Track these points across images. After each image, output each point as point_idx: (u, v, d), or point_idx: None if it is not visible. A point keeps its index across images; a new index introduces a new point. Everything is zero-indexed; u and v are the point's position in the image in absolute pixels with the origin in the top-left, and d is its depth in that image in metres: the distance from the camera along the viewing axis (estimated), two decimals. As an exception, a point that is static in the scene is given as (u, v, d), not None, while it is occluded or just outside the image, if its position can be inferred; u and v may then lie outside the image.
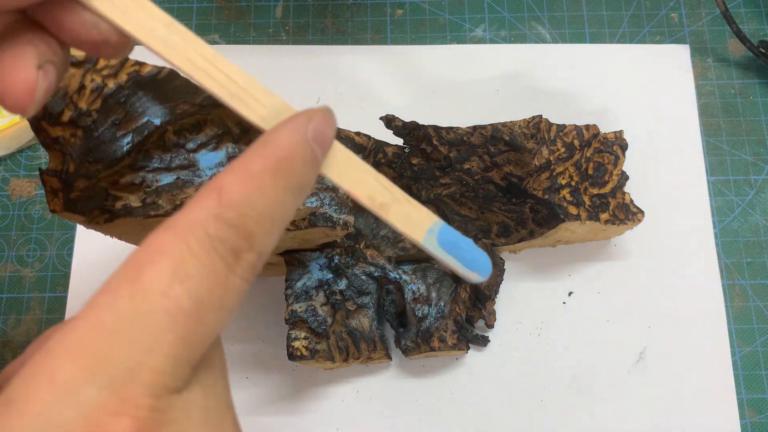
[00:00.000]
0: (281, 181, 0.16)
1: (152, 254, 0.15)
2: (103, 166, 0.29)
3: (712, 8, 0.48)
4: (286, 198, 0.17)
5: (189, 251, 0.15)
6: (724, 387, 0.39)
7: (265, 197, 0.16)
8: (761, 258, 0.42)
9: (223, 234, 0.15)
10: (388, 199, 0.21)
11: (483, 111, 0.45)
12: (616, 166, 0.38)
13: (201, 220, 0.15)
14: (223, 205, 0.15)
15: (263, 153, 0.16)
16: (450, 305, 0.38)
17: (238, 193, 0.16)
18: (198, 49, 0.20)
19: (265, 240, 0.16)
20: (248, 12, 0.48)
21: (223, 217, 0.15)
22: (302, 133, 0.17)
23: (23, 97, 0.18)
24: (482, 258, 0.21)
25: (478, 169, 0.38)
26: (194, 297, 0.15)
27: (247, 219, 0.16)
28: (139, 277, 0.14)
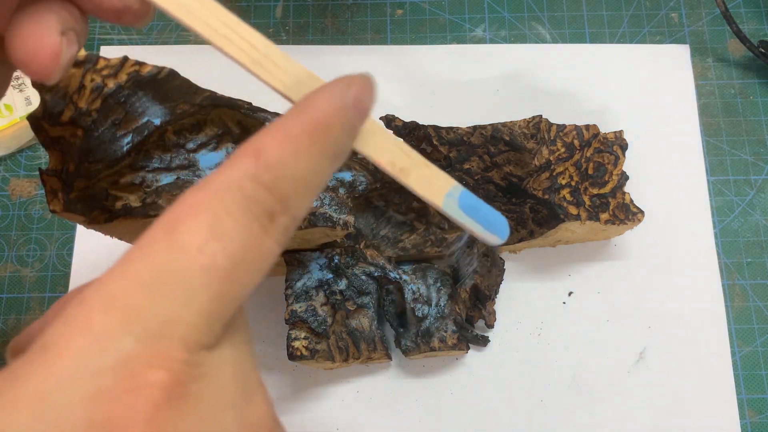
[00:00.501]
0: (319, 145, 0.16)
1: (188, 211, 0.15)
2: (103, 166, 0.29)
3: (712, 8, 0.48)
4: (322, 163, 0.16)
5: (225, 210, 0.15)
6: (724, 387, 0.39)
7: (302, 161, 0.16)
8: (761, 258, 0.42)
9: (259, 195, 0.15)
10: (408, 164, 0.21)
11: (483, 111, 0.45)
12: (616, 166, 0.38)
13: (237, 180, 0.15)
14: (260, 166, 0.15)
15: (302, 117, 0.16)
16: (450, 305, 0.38)
17: (276, 155, 0.16)
18: (219, 16, 0.20)
19: (300, 204, 0.16)
20: (248, 12, 0.48)
21: (260, 179, 0.15)
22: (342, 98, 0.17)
23: (49, 63, 0.18)
24: (501, 221, 0.22)
25: (478, 169, 0.38)
26: (229, 255, 0.15)
27: (283, 182, 0.16)
28: (175, 232, 0.14)
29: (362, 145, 0.20)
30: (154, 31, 0.48)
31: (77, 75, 0.27)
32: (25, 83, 0.44)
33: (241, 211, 0.15)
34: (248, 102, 0.32)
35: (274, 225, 0.16)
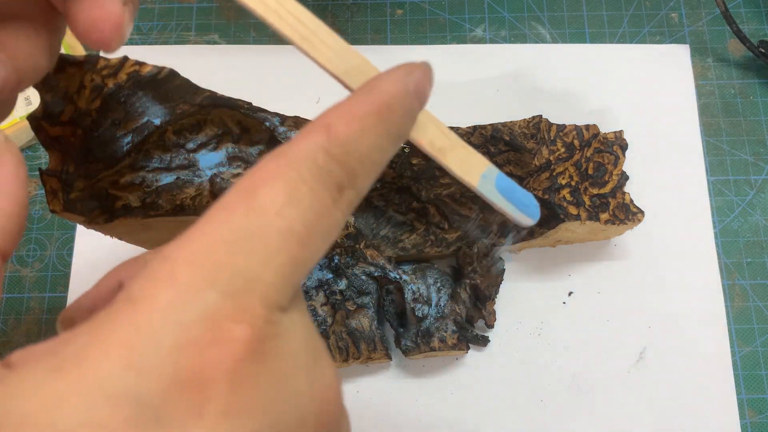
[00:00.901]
0: (383, 126, 0.17)
1: (266, 177, 0.15)
2: (103, 166, 0.29)
3: (712, 8, 0.48)
4: (385, 143, 0.17)
5: (300, 178, 0.15)
6: (724, 387, 0.39)
7: (368, 140, 0.17)
8: (761, 258, 0.42)
9: (331, 167, 0.16)
10: (446, 145, 0.21)
11: (483, 111, 0.45)
12: (616, 166, 0.38)
13: (311, 152, 0.16)
14: (331, 140, 0.16)
15: (368, 99, 0.17)
16: (450, 305, 0.38)
17: (345, 132, 0.16)
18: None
19: (364, 180, 0.17)
20: (248, 12, 0.48)
21: (331, 152, 0.16)
22: (404, 84, 0.18)
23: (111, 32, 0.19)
24: (533, 203, 0.23)
25: (478, 169, 0.38)
26: (304, 221, 0.15)
27: (351, 157, 0.16)
28: (255, 196, 0.15)
29: None
30: (154, 31, 0.48)
31: (77, 75, 0.27)
32: (25, 83, 0.44)
33: (314, 181, 0.16)
34: (248, 102, 0.32)
35: (342, 197, 0.16)
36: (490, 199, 0.22)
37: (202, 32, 0.48)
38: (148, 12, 0.48)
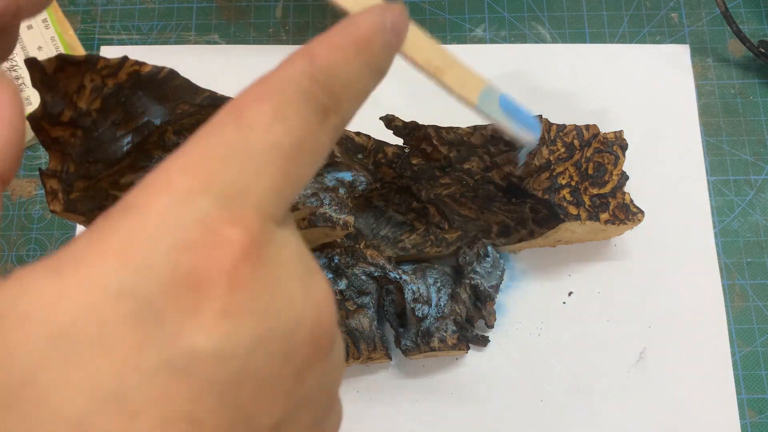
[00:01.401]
0: (363, 57, 0.18)
1: (252, 98, 0.16)
2: (103, 166, 0.29)
3: (712, 8, 0.48)
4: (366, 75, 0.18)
5: (286, 99, 0.16)
6: (724, 387, 0.39)
7: (349, 68, 0.17)
8: (761, 258, 0.42)
9: (315, 91, 0.17)
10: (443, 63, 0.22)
11: (483, 111, 0.45)
12: (616, 166, 0.38)
13: (295, 76, 0.16)
14: (315, 67, 0.17)
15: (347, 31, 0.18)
16: (450, 305, 0.38)
17: (327, 59, 0.17)
18: None
19: (348, 108, 0.18)
20: (248, 12, 0.48)
21: (315, 77, 0.17)
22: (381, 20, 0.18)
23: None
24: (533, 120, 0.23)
25: (478, 169, 0.38)
26: (292, 138, 0.16)
27: (335, 83, 0.17)
28: (243, 114, 0.16)
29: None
30: (154, 31, 0.48)
31: (77, 75, 0.27)
32: (25, 83, 0.44)
33: (300, 102, 0.16)
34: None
35: (328, 121, 0.17)
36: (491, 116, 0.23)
37: (202, 32, 0.48)
38: (148, 12, 0.48)
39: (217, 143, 0.15)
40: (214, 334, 0.13)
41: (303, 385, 0.15)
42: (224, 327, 0.14)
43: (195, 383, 0.13)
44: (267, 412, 0.15)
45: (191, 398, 0.13)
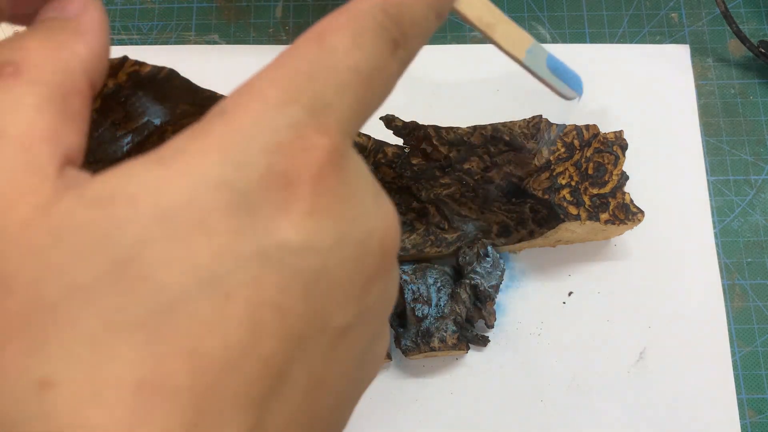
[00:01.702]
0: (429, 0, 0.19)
1: (332, 26, 0.17)
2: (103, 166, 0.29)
3: (712, 8, 0.48)
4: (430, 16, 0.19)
5: (363, 28, 0.17)
6: (724, 387, 0.39)
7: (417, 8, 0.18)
8: (761, 258, 0.42)
9: (387, 24, 0.17)
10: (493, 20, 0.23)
11: (483, 111, 0.45)
12: (616, 166, 0.38)
13: (371, 9, 0.17)
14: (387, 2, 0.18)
15: None
16: (450, 305, 0.38)
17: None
18: None
19: (414, 44, 0.19)
20: (248, 12, 0.48)
21: (387, 12, 0.18)
22: None
23: None
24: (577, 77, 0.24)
25: (478, 169, 0.38)
26: (368, 65, 0.17)
27: (404, 19, 0.18)
28: (325, 38, 0.17)
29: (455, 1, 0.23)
30: (154, 31, 0.48)
31: (77, 75, 0.27)
32: (25, 83, 0.44)
33: (375, 32, 0.17)
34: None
35: (397, 54, 0.18)
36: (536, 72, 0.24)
37: (202, 32, 0.48)
38: (148, 12, 0.48)
39: (303, 61, 0.16)
40: (302, 230, 0.15)
41: (369, 296, 0.17)
42: (310, 224, 0.15)
43: (283, 273, 0.14)
44: (339, 313, 0.16)
45: (279, 287, 0.14)
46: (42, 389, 0.13)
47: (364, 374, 0.18)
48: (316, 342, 0.15)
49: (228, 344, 0.14)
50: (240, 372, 0.14)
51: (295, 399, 0.15)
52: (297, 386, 0.15)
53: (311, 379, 0.15)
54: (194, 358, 0.13)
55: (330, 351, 0.16)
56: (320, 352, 0.15)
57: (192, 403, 0.13)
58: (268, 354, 0.14)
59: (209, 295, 0.14)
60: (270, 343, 0.14)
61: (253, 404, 0.14)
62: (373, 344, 0.18)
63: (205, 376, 0.13)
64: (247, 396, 0.14)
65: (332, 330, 0.16)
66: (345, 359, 0.17)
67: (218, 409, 0.13)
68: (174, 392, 0.13)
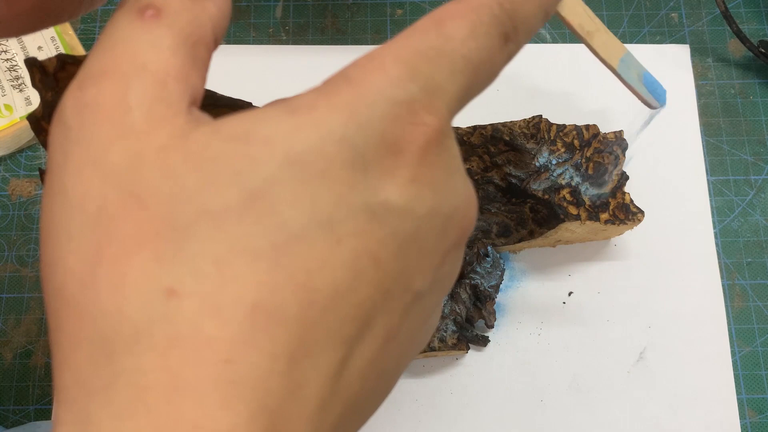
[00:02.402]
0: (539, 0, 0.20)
1: (451, 14, 0.18)
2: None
3: (712, 8, 0.48)
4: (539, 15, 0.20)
5: (480, 21, 0.18)
6: (724, 387, 0.39)
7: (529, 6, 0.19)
8: (761, 258, 0.42)
9: (502, 18, 0.18)
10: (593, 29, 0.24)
11: (483, 111, 0.45)
12: (616, 166, 0.38)
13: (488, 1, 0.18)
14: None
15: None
16: (450, 305, 0.38)
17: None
18: None
19: (522, 39, 0.20)
20: (248, 12, 0.48)
21: (503, 6, 0.18)
22: None
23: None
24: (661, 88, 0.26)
25: (478, 169, 0.38)
26: (480, 55, 0.18)
27: (517, 14, 0.19)
28: (444, 25, 0.18)
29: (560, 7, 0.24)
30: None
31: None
32: (25, 83, 0.44)
33: (490, 24, 0.18)
34: (248, 102, 0.32)
35: (507, 47, 0.19)
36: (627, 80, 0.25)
37: (202, 32, 0.48)
38: (148, 12, 0.48)
39: (422, 44, 0.17)
40: (404, 194, 0.16)
41: (444, 266, 0.18)
42: (412, 190, 0.16)
43: (385, 230, 0.16)
44: (420, 277, 0.17)
45: (379, 241, 0.16)
46: (167, 296, 0.14)
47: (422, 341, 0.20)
48: (398, 300, 0.16)
49: (333, 284, 0.15)
50: (338, 311, 0.15)
51: (373, 347, 0.16)
52: (377, 336, 0.16)
53: (388, 333, 0.17)
54: (304, 292, 0.15)
55: (406, 311, 0.17)
56: (399, 310, 0.17)
57: (296, 332, 0.14)
58: (362, 300, 0.15)
59: (325, 237, 0.15)
60: (365, 290, 0.15)
61: (344, 342, 0.15)
62: (433, 314, 0.19)
63: (311, 309, 0.15)
64: (340, 334, 0.15)
65: (412, 291, 0.17)
66: (415, 322, 0.18)
67: (316, 341, 0.15)
68: (284, 319, 0.14)
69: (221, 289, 0.14)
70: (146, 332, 0.14)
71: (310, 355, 0.15)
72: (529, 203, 0.39)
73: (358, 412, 0.17)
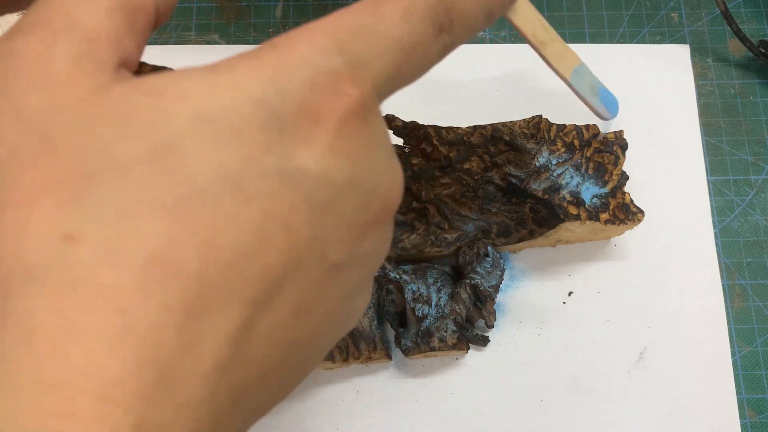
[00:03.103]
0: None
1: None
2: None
3: (712, 8, 0.48)
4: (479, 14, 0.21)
5: (415, 7, 0.18)
6: (724, 387, 0.39)
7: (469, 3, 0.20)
8: (761, 258, 0.42)
9: (438, 9, 0.19)
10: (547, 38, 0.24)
11: (483, 111, 0.45)
12: (616, 166, 0.38)
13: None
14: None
15: None
16: (450, 305, 0.38)
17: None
18: None
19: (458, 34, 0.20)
20: (248, 12, 0.48)
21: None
22: None
23: None
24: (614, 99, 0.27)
25: (478, 169, 0.38)
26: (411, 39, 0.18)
27: (455, 9, 0.19)
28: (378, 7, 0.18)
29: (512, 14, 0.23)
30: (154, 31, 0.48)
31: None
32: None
33: (425, 12, 0.19)
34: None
35: (440, 38, 0.19)
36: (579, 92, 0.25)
37: (202, 32, 0.48)
38: (148, 12, 0.48)
39: (355, 21, 0.18)
40: (320, 161, 0.16)
41: (365, 241, 0.18)
42: (328, 158, 0.16)
43: (297, 194, 0.16)
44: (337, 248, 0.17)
45: (291, 205, 0.16)
46: (65, 241, 0.14)
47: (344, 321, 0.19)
48: (312, 269, 0.16)
49: (238, 243, 0.15)
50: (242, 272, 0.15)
51: (282, 314, 0.16)
52: (286, 303, 0.16)
53: (300, 302, 0.17)
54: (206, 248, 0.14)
55: (321, 282, 0.17)
56: (313, 280, 0.17)
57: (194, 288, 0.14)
58: (269, 263, 0.15)
59: (231, 195, 0.15)
60: (273, 254, 0.15)
61: (247, 304, 0.15)
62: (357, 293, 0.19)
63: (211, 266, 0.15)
64: (243, 295, 0.15)
65: (328, 262, 0.17)
66: (332, 296, 0.18)
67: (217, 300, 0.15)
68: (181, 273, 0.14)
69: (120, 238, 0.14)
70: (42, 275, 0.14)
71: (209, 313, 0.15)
72: (529, 203, 0.39)
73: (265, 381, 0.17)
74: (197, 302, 0.14)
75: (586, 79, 0.25)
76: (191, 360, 0.14)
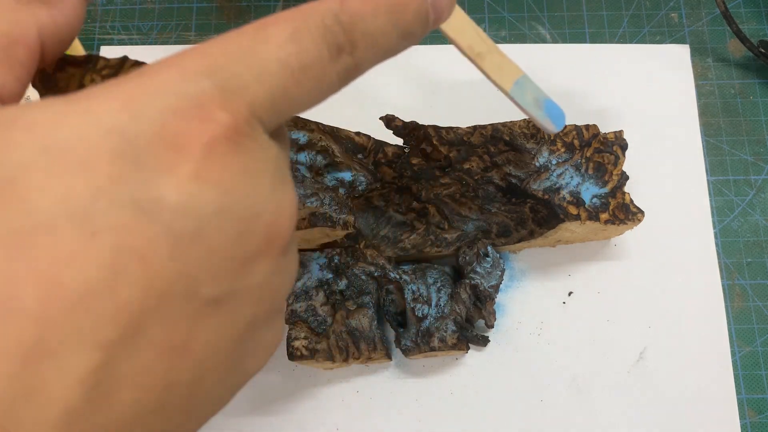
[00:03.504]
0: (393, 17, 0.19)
1: (277, 18, 0.18)
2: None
3: (712, 8, 0.48)
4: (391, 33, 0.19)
5: (306, 27, 0.18)
6: (724, 387, 0.39)
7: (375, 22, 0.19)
8: (761, 258, 0.42)
9: (335, 29, 0.18)
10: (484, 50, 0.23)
11: (483, 111, 0.45)
12: (616, 166, 0.38)
13: (321, 11, 0.18)
14: (343, 9, 0.18)
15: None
16: (450, 305, 0.38)
17: (357, 6, 0.19)
18: None
19: (363, 56, 0.19)
20: (248, 12, 0.48)
21: (339, 18, 0.18)
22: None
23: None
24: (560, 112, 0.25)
25: (478, 169, 0.38)
26: (300, 60, 0.17)
27: (356, 29, 0.18)
28: (264, 29, 0.17)
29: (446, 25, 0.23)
30: (154, 31, 0.48)
31: (77, 75, 0.27)
32: (25, 83, 0.44)
33: (318, 32, 0.18)
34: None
35: (340, 59, 0.18)
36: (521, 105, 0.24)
37: (202, 32, 0.48)
38: (148, 12, 0.48)
39: (233, 45, 0.17)
40: (182, 191, 0.15)
41: (249, 276, 0.17)
42: (192, 187, 0.15)
43: (153, 227, 0.15)
44: (210, 283, 0.16)
45: (147, 238, 0.14)
46: None
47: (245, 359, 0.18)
48: (181, 305, 0.15)
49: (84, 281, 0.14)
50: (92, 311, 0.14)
51: (149, 356, 0.15)
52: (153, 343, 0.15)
53: (171, 342, 0.15)
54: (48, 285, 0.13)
55: (197, 319, 0.16)
56: (185, 317, 0.16)
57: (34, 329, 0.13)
58: (125, 301, 0.14)
59: (75, 229, 0.14)
60: (128, 291, 0.14)
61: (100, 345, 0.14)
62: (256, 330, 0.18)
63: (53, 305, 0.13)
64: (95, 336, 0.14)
65: (201, 298, 0.16)
66: (216, 334, 0.16)
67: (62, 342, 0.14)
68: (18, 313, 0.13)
69: None
70: None
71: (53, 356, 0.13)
72: (529, 203, 0.39)
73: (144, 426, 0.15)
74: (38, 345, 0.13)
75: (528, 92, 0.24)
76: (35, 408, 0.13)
